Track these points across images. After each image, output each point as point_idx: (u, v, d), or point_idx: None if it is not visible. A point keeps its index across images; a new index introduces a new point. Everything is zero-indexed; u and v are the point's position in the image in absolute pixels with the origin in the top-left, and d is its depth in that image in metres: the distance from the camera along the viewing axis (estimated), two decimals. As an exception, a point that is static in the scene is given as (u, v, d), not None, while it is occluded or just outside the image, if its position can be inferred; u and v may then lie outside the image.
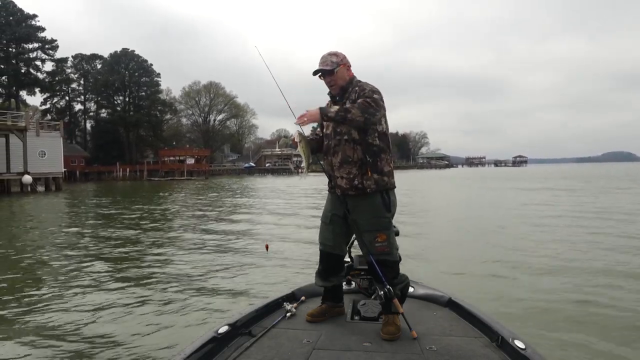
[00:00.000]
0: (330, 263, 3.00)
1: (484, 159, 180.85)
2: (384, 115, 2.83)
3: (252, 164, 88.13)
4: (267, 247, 4.31)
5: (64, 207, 22.75)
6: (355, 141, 2.77)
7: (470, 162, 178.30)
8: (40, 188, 34.82)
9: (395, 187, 2.91)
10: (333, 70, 2.86)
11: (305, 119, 2.72)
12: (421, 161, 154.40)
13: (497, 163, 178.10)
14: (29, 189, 32.37)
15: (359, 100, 2.72)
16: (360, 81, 2.93)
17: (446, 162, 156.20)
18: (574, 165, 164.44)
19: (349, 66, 2.93)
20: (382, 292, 2.77)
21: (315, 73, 2.91)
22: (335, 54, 2.91)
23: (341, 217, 2.89)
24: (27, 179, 32.07)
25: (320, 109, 2.71)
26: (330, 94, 2.99)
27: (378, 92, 2.80)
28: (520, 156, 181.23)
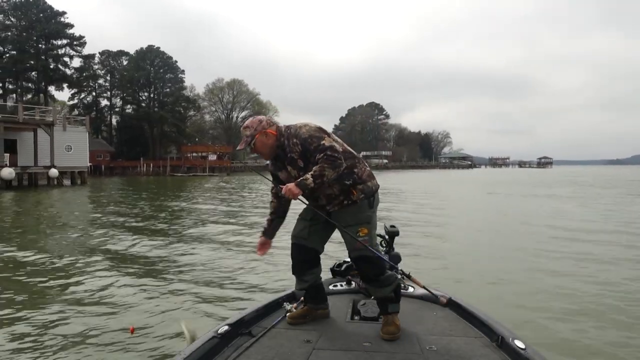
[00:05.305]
0: (303, 256, 2.90)
1: (507, 160, 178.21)
2: (334, 140, 2.73)
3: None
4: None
5: (87, 200, 23.26)
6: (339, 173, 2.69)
7: (494, 162, 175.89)
8: (66, 181, 35.65)
9: (379, 186, 2.86)
10: (250, 145, 2.78)
11: (289, 195, 2.65)
12: (444, 161, 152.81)
13: (521, 164, 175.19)
14: (56, 182, 33.15)
15: (320, 156, 2.63)
16: (289, 127, 2.80)
17: (469, 163, 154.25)
18: (601, 168, 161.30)
19: (267, 129, 2.76)
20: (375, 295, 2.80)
21: (239, 150, 2.84)
22: (249, 126, 2.78)
23: (322, 219, 2.83)
24: (53, 172, 32.83)
25: (298, 184, 2.63)
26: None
27: (319, 135, 2.70)
28: (545, 157, 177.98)
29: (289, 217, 2.99)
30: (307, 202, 2.89)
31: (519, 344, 2.34)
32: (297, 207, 2.91)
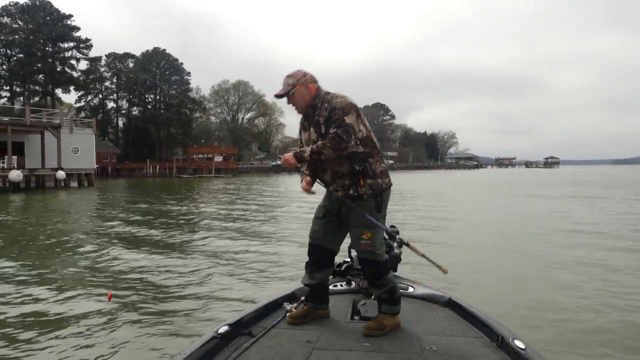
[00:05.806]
0: (318, 256, 2.95)
1: (514, 160, 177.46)
2: (362, 122, 2.76)
3: (279, 162, 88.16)
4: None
5: (93, 202, 23.38)
6: (340, 156, 2.72)
7: (500, 162, 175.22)
8: (73, 183, 35.85)
9: (391, 184, 2.89)
10: (288, 94, 2.84)
11: (286, 164, 2.75)
12: (450, 161, 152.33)
13: (527, 164, 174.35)
14: (63, 184, 33.35)
15: (331, 131, 2.67)
16: (328, 93, 2.85)
17: (475, 163, 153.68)
18: (608, 167, 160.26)
19: (309, 84, 2.84)
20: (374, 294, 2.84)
21: (277, 96, 2.89)
22: (293, 75, 2.85)
23: (334, 213, 2.88)
24: (60, 174, 33.04)
25: (295, 154, 2.73)
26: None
27: (348, 110, 2.71)
28: (552, 157, 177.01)
29: (302, 217, 2.99)
30: (322, 183, 2.90)
31: (519, 344, 2.34)
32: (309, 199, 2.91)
